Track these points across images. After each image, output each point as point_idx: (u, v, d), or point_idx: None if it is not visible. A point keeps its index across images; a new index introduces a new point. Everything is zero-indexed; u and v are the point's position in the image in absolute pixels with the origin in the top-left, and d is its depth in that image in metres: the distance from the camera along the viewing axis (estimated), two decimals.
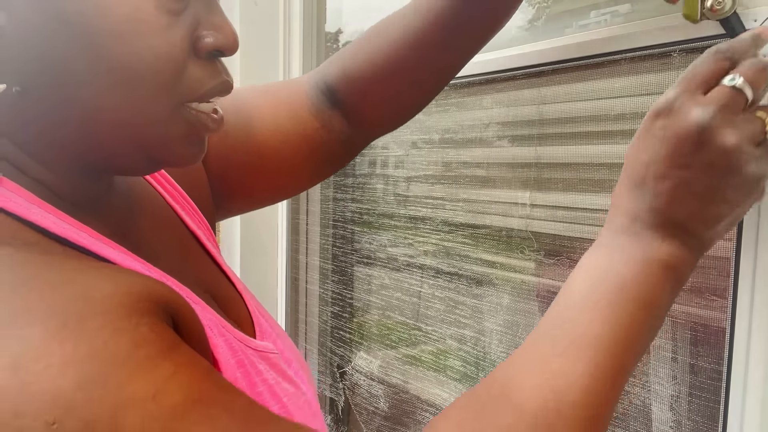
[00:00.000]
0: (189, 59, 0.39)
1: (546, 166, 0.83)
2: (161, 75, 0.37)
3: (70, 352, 0.27)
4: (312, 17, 1.38)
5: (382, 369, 1.16)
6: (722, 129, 0.39)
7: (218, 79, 0.42)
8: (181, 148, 0.41)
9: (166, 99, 0.39)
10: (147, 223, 0.49)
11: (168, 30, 0.37)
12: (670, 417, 0.71)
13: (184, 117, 0.40)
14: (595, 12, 0.79)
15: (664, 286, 0.41)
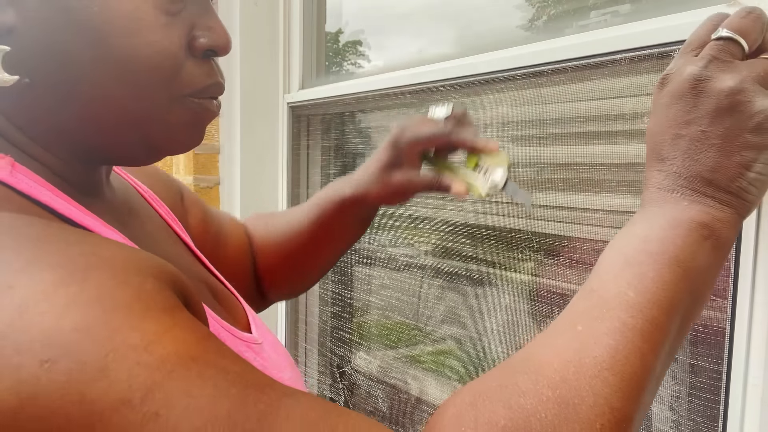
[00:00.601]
0: (186, 57, 0.43)
1: (546, 166, 0.83)
2: (160, 68, 0.41)
3: (72, 296, 0.28)
4: (312, 17, 1.38)
5: (381, 369, 1.16)
6: (717, 75, 0.39)
7: (213, 79, 0.45)
8: (182, 134, 0.45)
9: (166, 91, 0.42)
10: (141, 221, 0.52)
11: (165, 28, 0.41)
12: (670, 417, 0.71)
13: (186, 106, 0.44)
14: (595, 12, 0.79)
15: (697, 245, 0.38)
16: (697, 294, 0.38)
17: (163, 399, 0.27)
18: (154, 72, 0.41)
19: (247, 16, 1.37)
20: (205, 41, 0.43)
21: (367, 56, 1.27)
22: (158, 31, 0.40)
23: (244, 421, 0.28)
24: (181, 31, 0.42)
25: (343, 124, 1.27)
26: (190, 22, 0.43)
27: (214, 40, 0.44)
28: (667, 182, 0.41)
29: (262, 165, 1.42)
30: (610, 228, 0.76)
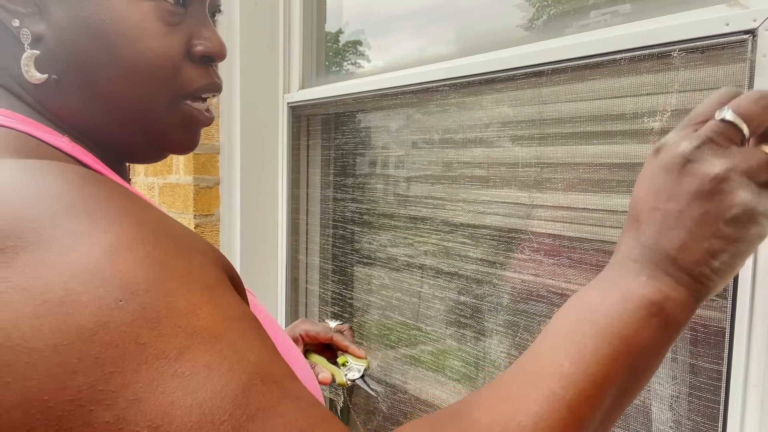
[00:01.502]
0: (184, 61, 0.50)
1: (546, 166, 0.83)
2: (161, 70, 0.48)
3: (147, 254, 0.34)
4: (312, 17, 1.38)
5: (381, 369, 1.16)
6: (708, 158, 0.39)
7: (208, 79, 0.52)
8: (177, 134, 0.52)
9: (166, 91, 0.49)
10: None
11: (166, 36, 0.48)
12: (670, 417, 0.71)
13: (181, 109, 0.51)
14: (595, 12, 0.79)
15: (643, 321, 0.38)
16: (637, 370, 0.38)
17: (188, 364, 0.32)
18: (156, 73, 0.48)
19: (247, 16, 1.37)
20: (201, 48, 0.51)
21: (367, 56, 1.27)
22: (159, 38, 0.48)
23: (243, 408, 0.32)
24: (180, 38, 0.49)
25: (343, 124, 1.27)
26: (189, 32, 0.50)
27: (209, 48, 0.51)
28: (635, 251, 0.41)
29: (262, 165, 1.42)
30: (610, 228, 0.76)
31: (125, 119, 0.50)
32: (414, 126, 1.07)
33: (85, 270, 0.32)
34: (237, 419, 0.31)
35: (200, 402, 0.31)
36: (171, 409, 0.30)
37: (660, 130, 0.70)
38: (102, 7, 0.46)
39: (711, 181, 0.39)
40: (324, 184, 1.35)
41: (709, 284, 0.39)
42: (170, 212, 1.53)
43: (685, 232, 0.39)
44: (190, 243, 0.39)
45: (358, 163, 1.22)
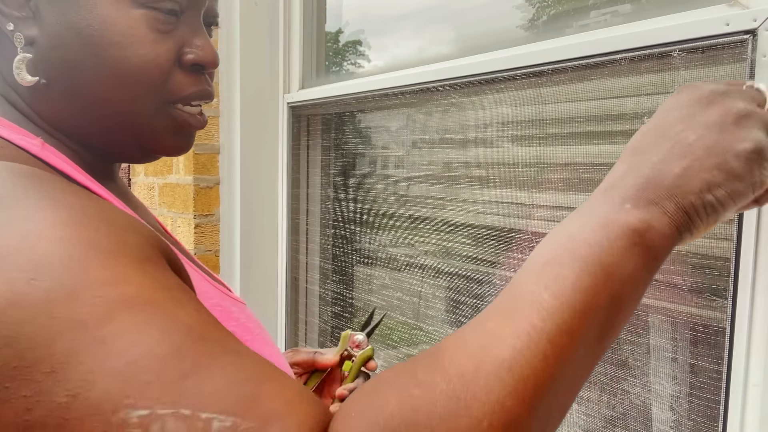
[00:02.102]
0: (174, 68, 0.51)
1: (546, 166, 0.83)
2: (147, 76, 0.49)
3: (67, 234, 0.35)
4: (312, 17, 1.38)
5: (382, 369, 1.16)
6: (735, 96, 0.41)
7: (199, 87, 0.53)
8: (167, 138, 0.53)
9: (154, 96, 0.50)
10: (142, 212, 0.61)
11: (155, 43, 0.49)
12: (670, 417, 0.71)
13: (171, 114, 0.52)
14: (595, 12, 0.79)
15: (625, 250, 0.37)
16: (619, 300, 0.37)
17: (112, 329, 0.32)
18: (143, 78, 0.49)
19: (247, 16, 1.37)
20: (192, 57, 0.51)
21: (367, 56, 1.27)
22: (148, 45, 0.49)
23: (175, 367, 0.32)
24: (170, 46, 0.50)
25: (343, 124, 1.27)
26: (182, 40, 0.51)
27: (200, 56, 0.52)
28: (625, 179, 0.40)
29: (262, 165, 1.42)
30: None
31: (114, 123, 0.51)
32: (414, 126, 1.07)
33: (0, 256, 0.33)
34: (168, 378, 0.31)
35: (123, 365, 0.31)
36: (89, 376, 0.31)
37: None
38: (92, 14, 0.48)
39: (735, 114, 0.40)
40: (324, 184, 1.35)
41: (695, 219, 0.39)
42: (170, 212, 1.53)
43: (691, 159, 0.39)
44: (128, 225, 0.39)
45: (358, 163, 1.22)
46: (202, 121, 0.55)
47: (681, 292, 0.70)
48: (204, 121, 0.55)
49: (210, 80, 0.55)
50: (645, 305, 0.73)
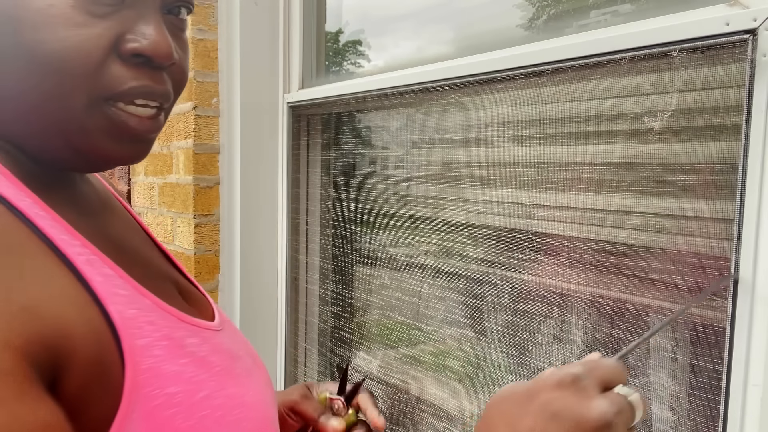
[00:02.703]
0: (111, 58, 0.42)
1: (546, 166, 0.83)
2: (69, 64, 0.40)
3: None
4: (312, 17, 1.38)
5: (381, 369, 1.16)
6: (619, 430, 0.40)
7: (140, 81, 0.43)
8: (103, 142, 0.44)
9: (83, 91, 0.42)
10: (115, 218, 0.54)
11: (82, 27, 0.40)
12: (670, 417, 0.71)
13: (105, 112, 0.43)
14: (595, 12, 0.79)
15: None
16: None
17: None
18: (64, 67, 0.40)
19: (247, 16, 1.37)
20: (133, 45, 0.42)
21: (367, 56, 1.27)
22: (71, 28, 0.40)
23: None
24: (104, 32, 0.41)
25: (343, 124, 1.27)
26: (123, 26, 0.42)
27: (143, 46, 0.43)
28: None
29: (262, 165, 1.42)
30: (610, 228, 0.76)
31: (40, 123, 0.42)
32: (414, 126, 1.07)
33: None
34: None
35: None
36: None
37: (660, 129, 0.70)
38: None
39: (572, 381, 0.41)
40: (324, 184, 1.35)
41: None
42: (170, 212, 1.53)
43: None
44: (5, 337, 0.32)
45: (358, 163, 1.22)
46: (151, 125, 0.45)
47: (681, 292, 0.70)
48: (155, 125, 0.46)
49: (162, 77, 0.45)
50: (645, 305, 0.73)
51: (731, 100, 0.63)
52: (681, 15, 0.67)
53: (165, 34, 0.44)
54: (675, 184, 0.69)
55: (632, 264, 0.74)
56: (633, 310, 0.74)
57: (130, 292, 0.43)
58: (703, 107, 0.66)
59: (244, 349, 0.55)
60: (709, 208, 0.66)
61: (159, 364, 0.41)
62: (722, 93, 0.64)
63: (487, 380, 0.94)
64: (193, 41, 1.35)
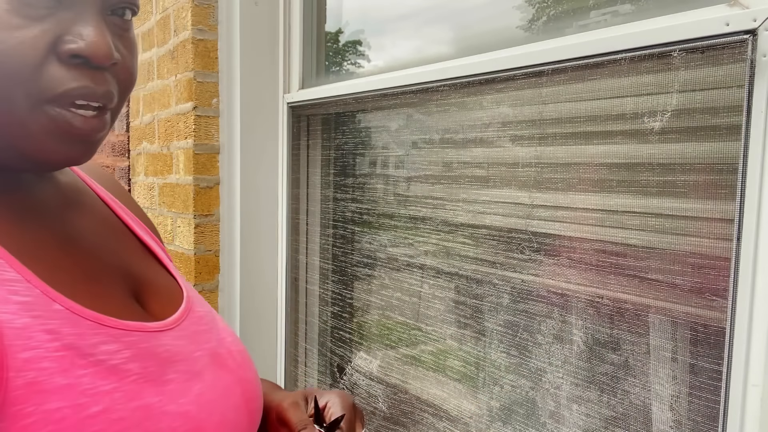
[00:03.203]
0: (49, 60, 0.43)
1: (546, 166, 0.83)
2: (8, 68, 0.41)
3: None
4: (312, 17, 1.38)
5: (381, 369, 1.16)
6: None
7: (80, 83, 0.44)
8: (47, 143, 0.44)
9: (23, 93, 0.42)
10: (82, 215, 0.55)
11: (17, 30, 0.41)
12: (670, 417, 0.71)
13: (47, 114, 0.43)
14: (595, 12, 0.79)
15: None
16: None
17: None
18: (3, 71, 0.41)
19: (247, 16, 1.37)
20: (70, 47, 0.43)
21: (367, 56, 1.27)
22: (7, 31, 0.41)
23: None
24: (41, 34, 0.42)
25: (343, 124, 1.27)
26: (61, 27, 0.43)
27: (81, 47, 0.43)
28: None
29: (262, 165, 1.42)
30: (610, 228, 0.76)
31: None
32: (414, 126, 1.07)
33: None
34: None
35: None
36: None
37: (660, 130, 0.70)
38: None
39: None
40: (324, 184, 1.35)
41: None
42: (170, 212, 1.53)
43: None
44: None
45: (358, 163, 1.22)
46: (96, 124, 0.46)
47: (681, 292, 0.70)
48: (100, 125, 0.46)
49: (103, 77, 0.45)
50: (645, 305, 0.73)
51: (731, 100, 0.63)
52: (681, 15, 0.67)
53: (104, 34, 0.44)
54: (675, 184, 0.69)
55: (632, 264, 0.74)
56: (633, 310, 0.74)
57: (32, 298, 0.42)
58: (703, 107, 0.66)
59: (206, 348, 0.54)
60: (709, 208, 0.66)
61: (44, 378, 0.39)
62: (722, 93, 0.64)
63: (487, 380, 0.94)
64: (193, 41, 1.35)
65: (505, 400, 0.91)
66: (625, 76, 0.72)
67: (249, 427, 0.54)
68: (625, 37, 0.69)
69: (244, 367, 0.57)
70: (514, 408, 0.90)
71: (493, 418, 0.93)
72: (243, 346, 0.60)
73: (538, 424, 0.86)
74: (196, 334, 0.55)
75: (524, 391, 0.88)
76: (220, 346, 0.56)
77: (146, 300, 0.54)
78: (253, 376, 0.58)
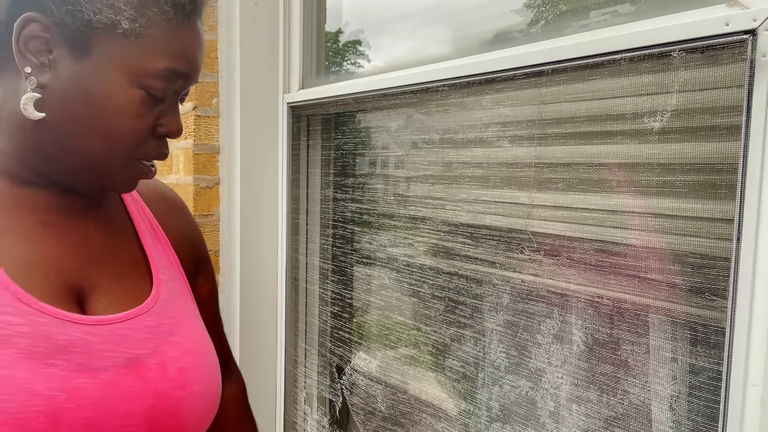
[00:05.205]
0: (148, 135, 0.63)
1: (546, 166, 0.83)
2: (129, 139, 0.61)
3: None
4: (312, 17, 1.38)
5: (381, 369, 1.16)
6: None
7: (160, 150, 0.65)
8: (124, 184, 0.65)
9: (126, 154, 0.62)
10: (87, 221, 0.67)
11: (142, 117, 0.61)
12: (670, 417, 0.71)
13: (135, 167, 0.64)
14: (595, 12, 0.79)
15: None
16: None
17: None
18: (124, 141, 0.61)
19: (247, 16, 1.37)
20: (163, 129, 0.64)
21: (367, 56, 1.27)
22: (136, 118, 0.61)
23: None
24: (151, 120, 0.62)
25: (343, 124, 1.27)
26: (159, 115, 0.63)
27: (170, 130, 0.64)
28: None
29: (262, 165, 1.42)
30: (610, 228, 0.76)
31: (86, 168, 0.62)
32: (414, 126, 1.07)
33: None
34: None
35: None
36: None
37: (660, 130, 0.70)
38: (102, 84, 0.58)
39: None
40: (324, 184, 1.35)
41: None
42: None
43: None
44: None
45: (358, 163, 1.22)
46: (154, 172, 0.67)
47: (681, 292, 0.70)
48: (154, 172, 0.67)
49: (167, 144, 0.66)
50: (645, 305, 0.73)
51: (731, 100, 0.63)
52: (681, 15, 0.67)
53: (180, 119, 0.66)
54: (675, 184, 0.69)
55: (632, 264, 0.74)
56: (632, 310, 0.74)
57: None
58: (703, 107, 0.66)
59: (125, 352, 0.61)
60: (709, 208, 0.66)
61: None
62: (722, 93, 0.64)
63: (487, 380, 0.94)
64: None
65: (505, 400, 0.91)
66: (625, 76, 0.72)
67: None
68: (625, 37, 0.69)
69: (175, 383, 0.63)
70: (513, 408, 0.90)
71: (492, 418, 0.93)
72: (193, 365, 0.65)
73: (538, 424, 0.86)
74: (122, 338, 0.61)
75: (524, 391, 0.88)
76: (150, 355, 0.62)
77: (91, 299, 0.63)
78: (184, 393, 0.63)
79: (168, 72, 0.60)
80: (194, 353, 0.66)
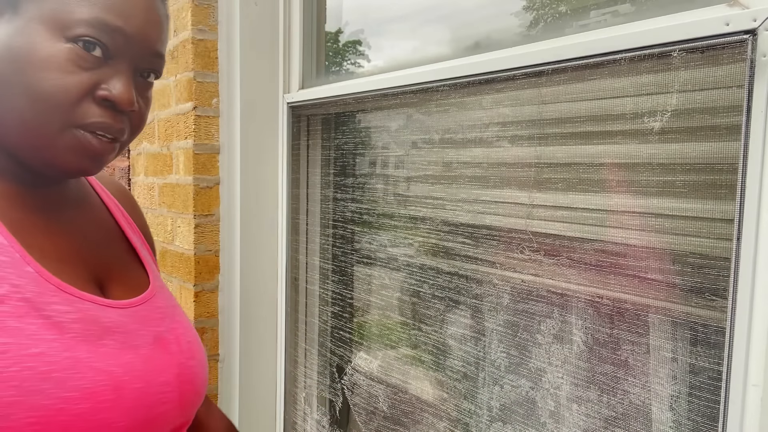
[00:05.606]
0: (86, 99, 0.58)
1: (546, 166, 0.83)
2: (55, 99, 0.56)
3: None
4: (312, 17, 1.38)
5: (381, 369, 1.16)
6: None
7: (104, 119, 0.59)
8: (66, 157, 0.59)
9: (58, 118, 0.57)
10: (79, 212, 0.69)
11: (70, 74, 0.57)
12: (670, 417, 0.71)
13: (74, 134, 0.59)
14: (595, 12, 0.79)
15: None
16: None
17: None
18: (50, 100, 0.56)
19: (247, 16, 1.37)
20: (102, 93, 0.59)
21: (367, 56, 1.27)
22: (61, 73, 0.56)
23: None
24: (84, 80, 0.57)
25: (343, 124, 1.27)
26: (100, 79, 0.58)
27: (111, 94, 0.59)
28: None
29: (262, 165, 1.42)
30: (610, 228, 0.76)
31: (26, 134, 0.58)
32: (414, 126, 1.07)
33: None
34: None
35: None
36: None
37: (660, 130, 0.70)
38: (27, 39, 0.56)
39: None
40: (324, 184, 1.35)
41: None
42: (170, 212, 1.53)
43: None
44: None
45: (358, 163, 1.22)
46: (108, 147, 0.60)
47: (681, 292, 0.70)
48: (110, 149, 0.61)
49: (121, 118, 0.60)
50: (645, 305, 0.73)
51: (731, 100, 0.63)
52: (681, 15, 0.67)
53: (130, 88, 0.60)
54: (675, 184, 0.69)
55: (632, 264, 0.74)
56: (633, 310, 0.74)
57: (10, 259, 0.56)
58: (703, 107, 0.66)
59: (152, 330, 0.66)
60: (709, 208, 0.66)
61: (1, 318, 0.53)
62: (722, 93, 0.64)
63: (487, 380, 0.94)
64: (193, 41, 1.35)
65: (505, 400, 0.91)
66: (625, 76, 0.72)
67: (180, 401, 0.65)
68: (625, 37, 0.69)
69: (187, 354, 0.69)
70: (513, 408, 0.90)
71: (492, 418, 0.93)
72: (195, 338, 0.72)
73: (538, 424, 0.86)
74: (145, 318, 0.66)
75: (524, 391, 0.88)
76: (168, 332, 0.68)
77: (109, 286, 0.67)
78: (194, 363, 0.70)
79: (96, 23, 0.57)
80: (191, 328, 0.74)
